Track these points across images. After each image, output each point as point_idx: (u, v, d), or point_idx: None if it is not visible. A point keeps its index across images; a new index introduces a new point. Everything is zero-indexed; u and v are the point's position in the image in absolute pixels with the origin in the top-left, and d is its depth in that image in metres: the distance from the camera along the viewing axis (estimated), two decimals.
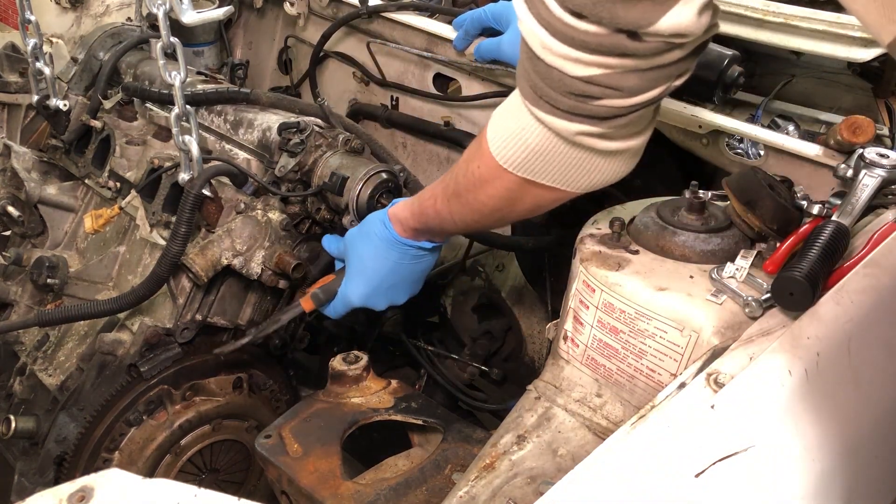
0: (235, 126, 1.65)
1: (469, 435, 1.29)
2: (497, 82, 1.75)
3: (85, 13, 2.06)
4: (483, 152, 1.03)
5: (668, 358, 0.96)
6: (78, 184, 1.83)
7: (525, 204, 1.07)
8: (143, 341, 1.45)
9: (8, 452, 1.58)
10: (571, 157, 0.96)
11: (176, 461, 1.48)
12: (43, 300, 1.70)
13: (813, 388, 0.87)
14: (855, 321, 0.93)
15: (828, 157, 1.28)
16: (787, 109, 1.62)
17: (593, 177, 1.00)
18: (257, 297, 1.60)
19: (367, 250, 1.28)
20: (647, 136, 0.99)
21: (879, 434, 0.98)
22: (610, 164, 0.99)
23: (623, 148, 0.96)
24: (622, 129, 0.93)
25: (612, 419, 1.02)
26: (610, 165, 0.99)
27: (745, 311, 0.94)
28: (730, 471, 0.78)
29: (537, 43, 0.86)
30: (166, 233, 1.54)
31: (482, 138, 1.04)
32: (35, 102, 1.78)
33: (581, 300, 1.05)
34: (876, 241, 1.02)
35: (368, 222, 1.30)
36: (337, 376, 1.36)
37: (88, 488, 0.69)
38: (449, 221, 1.18)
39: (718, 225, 1.07)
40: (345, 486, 1.19)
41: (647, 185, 1.55)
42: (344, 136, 1.54)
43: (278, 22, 2.30)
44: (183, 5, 1.32)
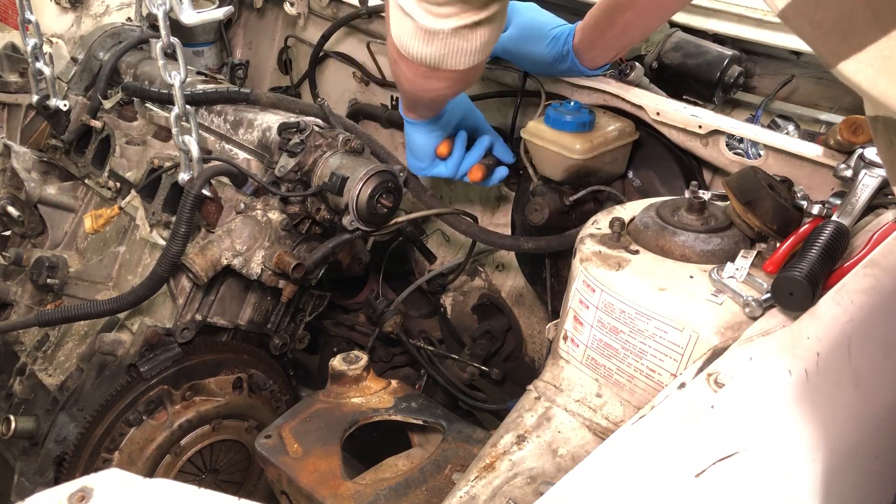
0: (235, 126, 1.65)
1: (469, 435, 1.29)
2: (497, 82, 1.76)
3: (85, 13, 2.06)
4: (390, 42, 1.24)
5: (668, 358, 0.96)
6: (78, 184, 1.83)
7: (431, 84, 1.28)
8: (143, 341, 1.45)
9: (8, 452, 1.58)
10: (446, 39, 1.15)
11: (176, 461, 1.48)
12: (43, 300, 1.70)
13: (813, 388, 0.87)
14: (855, 321, 0.93)
15: (828, 157, 1.28)
16: (787, 109, 1.63)
17: (469, 49, 1.17)
18: (257, 297, 1.60)
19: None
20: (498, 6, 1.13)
21: (879, 434, 0.98)
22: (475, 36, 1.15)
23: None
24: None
25: (612, 419, 1.02)
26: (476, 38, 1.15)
27: (745, 311, 0.94)
28: (730, 471, 0.78)
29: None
30: (166, 233, 1.54)
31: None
32: (35, 102, 1.78)
33: (581, 300, 1.05)
34: (876, 241, 1.02)
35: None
36: (337, 376, 1.36)
37: (88, 488, 0.69)
38: (404, 98, 1.48)
39: (718, 225, 1.07)
40: (345, 486, 1.19)
41: (647, 185, 1.56)
42: (344, 136, 1.54)
43: (278, 22, 2.30)
44: (183, 5, 1.32)
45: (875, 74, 0.64)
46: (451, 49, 1.17)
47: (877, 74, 0.64)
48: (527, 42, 1.53)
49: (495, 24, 1.16)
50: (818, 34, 0.66)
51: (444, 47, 1.16)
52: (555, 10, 1.57)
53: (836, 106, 1.58)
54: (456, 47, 1.16)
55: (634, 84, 1.55)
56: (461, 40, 1.15)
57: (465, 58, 1.18)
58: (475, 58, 1.19)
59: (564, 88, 1.60)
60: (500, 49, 1.58)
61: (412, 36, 1.16)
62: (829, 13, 0.64)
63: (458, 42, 1.15)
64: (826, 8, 0.64)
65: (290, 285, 1.51)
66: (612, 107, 1.53)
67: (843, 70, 0.66)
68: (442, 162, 1.59)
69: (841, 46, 0.65)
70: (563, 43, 1.50)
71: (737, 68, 1.61)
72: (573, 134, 1.43)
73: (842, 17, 0.64)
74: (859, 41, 0.63)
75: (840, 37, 0.64)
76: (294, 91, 2.24)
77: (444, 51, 1.17)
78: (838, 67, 0.66)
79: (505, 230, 1.81)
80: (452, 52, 1.17)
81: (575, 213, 1.52)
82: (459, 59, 1.18)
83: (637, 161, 1.56)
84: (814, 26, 0.66)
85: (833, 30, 0.65)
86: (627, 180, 1.58)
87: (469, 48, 1.17)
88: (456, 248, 1.98)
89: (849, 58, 0.64)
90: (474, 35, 1.15)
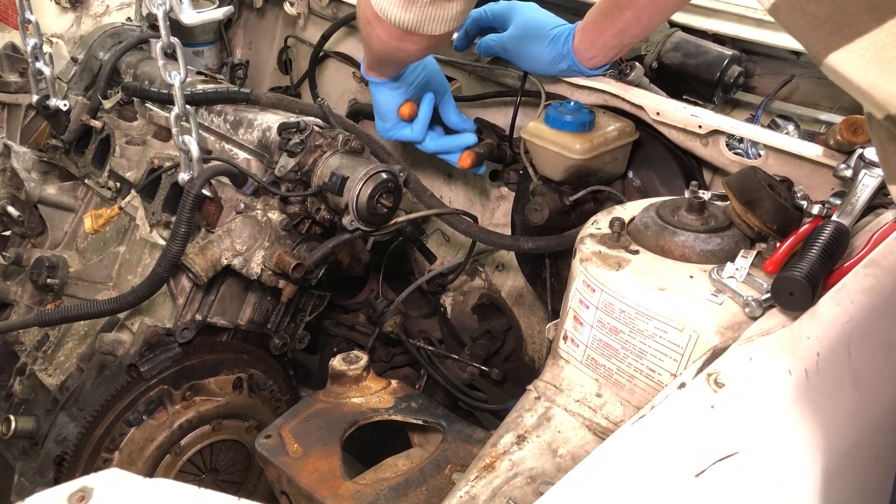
0: (235, 126, 1.65)
1: (469, 435, 1.29)
2: (497, 82, 1.76)
3: (85, 13, 2.06)
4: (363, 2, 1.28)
5: (668, 358, 0.96)
6: (78, 184, 1.83)
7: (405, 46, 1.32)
8: (143, 341, 1.45)
9: (8, 452, 1.58)
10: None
11: (176, 461, 1.48)
12: (43, 300, 1.70)
13: (813, 388, 0.87)
14: (855, 321, 0.93)
15: (828, 157, 1.28)
16: (787, 109, 1.63)
17: (445, 17, 1.22)
18: (257, 297, 1.60)
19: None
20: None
21: (879, 434, 0.98)
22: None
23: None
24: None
25: (612, 419, 1.02)
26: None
27: (745, 311, 0.94)
28: (730, 471, 0.78)
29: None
30: (166, 233, 1.54)
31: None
32: (35, 102, 1.78)
33: (581, 300, 1.05)
34: (876, 241, 1.02)
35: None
36: (337, 376, 1.36)
37: (88, 488, 0.69)
38: (369, 58, 1.51)
39: (718, 225, 1.07)
40: (345, 486, 1.19)
41: (647, 185, 1.56)
42: (344, 136, 1.54)
43: (278, 22, 2.30)
44: (183, 5, 1.32)
45: (866, 65, 0.64)
46: (427, 16, 1.22)
47: (868, 64, 0.64)
48: (527, 42, 1.53)
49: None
50: (810, 26, 0.66)
51: (422, 14, 1.21)
52: (555, 10, 1.57)
53: (836, 106, 1.58)
54: (432, 15, 1.22)
55: (634, 84, 1.55)
56: (438, 9, 1.21)
57: (441, 25, 1.23)
58: (450, 25, 1.24)
59: (564, 88, 1.60)
60: (500, 49, 1.58)
61: (391, 1, 1.21)
62: (823, 5, 0.65)
63: (435, 10, 1.21)
64: (819, 0, 0.65)
65: (290, 285, 1.51)
66: (612, 107, 1.53)
67: (832, 62, 0.66)
68: (408, 125, 1.61)
69: (833, 37, 0.65)
70: (563, 43, 1.50)
71: (737, 68, 1.61)
72: (573, 134, 1.43)
73: (835, 9, 0.64)
74: (851, 32, 0.64)
75: (833, 27, 0.65)
76: (294, 91, 2.24)
77: (422, 17, 1.22)
78: (828, 59, 0.66)
79: (505, 230, 1.81)
80: (429, 18, 1.22)
81: (575, 213, 1.52)
82: (435, 25, 1.23)
83: (637, 161, 1.56)
84: (806, 19, 0.66)
85: (826, 21, 0.65)
86: (627, 180, 1.58)
87: (445, 16, 1.22)
88: (456, 248, 1.98)
89: (839, 48, 0.65)
90: (451, 4, 1.21)
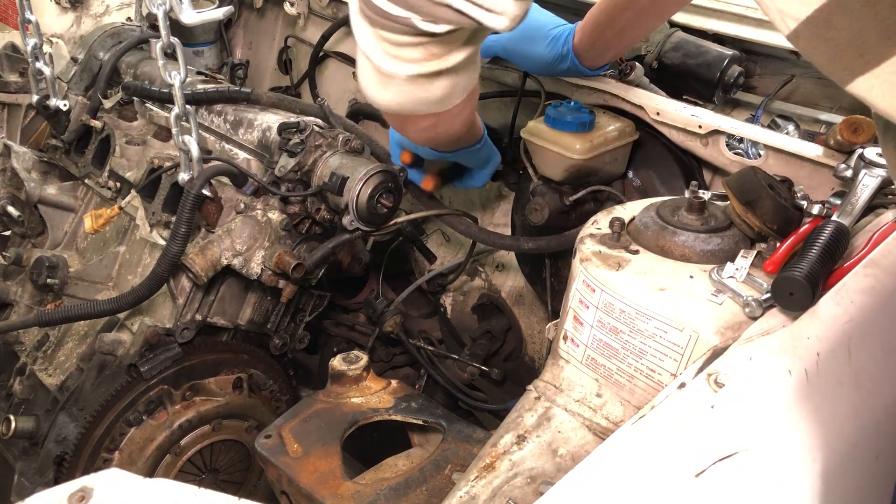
0: (235, 126, 1.65)
1: (469, 435, 1.29)
2: (497, 82, 1.76)
3: (85, 13, 2.06)
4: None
5: (668, 358, 0.96)
6: (78, 184, 1.83)
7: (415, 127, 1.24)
8: (143, 341, 1.45)
9: (8, 452, 1.58)
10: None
11: (176, 461, 1.48)
12: (43, 300, 1.70)
13: (813, 388, 0.87)
14: (855, 321, 0.93)
15: (828, 157, 1.28)
16: (787, 109, 1.63)
17: (428, 99, 1.08)
18: (257, 297, 1.60)
19: None
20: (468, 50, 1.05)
21: (880, 434, 0.98)
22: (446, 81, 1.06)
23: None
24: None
25: (612, 419, 1.02)
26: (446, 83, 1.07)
27: (745, 311, 0.94)
28: (730, 471, 0.78)
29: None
30: (166, 233, 1.54)
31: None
32: (35, 102, 1.78)
33: (581, 300, 1.05)
34: (876, 241, 1.02)
35: None
36: (337, 376, 1.36)
37: (88, 488, 0.69)
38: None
39: (718, 225, 1.07)
40: (345, 486, 1.19)
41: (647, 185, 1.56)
42: (344, 136, 1.54)
43: (278, 22, 2.30)
44: (183, 5, 1.32)
45: (891, 90, 0.65)
46: (408, 97, 1.07)
47: (893, 90, 0.64)
48: (527, 42, 1.53)
49: (463, 73, 1.07)
50: (832, 53, 0.66)
51: (400, 94, 1.06)
52: (555, 10, 1.57)
53: (836, 106, 1.58)
54: (413, 95, 1.07)
55: (634, 84, 1.55)
56: (418, 89, 1.05)
57: (426, 107, 1.10)
58: (438, 107, 1.11)
59: (564, 88, 1.60)
60: (500, 49, 1.58)
61: (370, 77, 1.07)
62: (842, 32, 0.65)
63: (415, 90, 1.05)
64: (839, 28, 0.65)
65: (290, 285, 1.51)
66: (612, 107, 1.53)
67: (857, 87, 0.66)
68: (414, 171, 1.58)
69: (855, 63, 0.65)
70: (563, 43, 1.50)
71: (737, 68, 1.61)
72: (573, 134, 1.43)
73: (854, 36, 0.64)
74: (872, 58, 0.64)
75: (854, 54, 0.65)
76: (294, 91, 2.24)
77: (401, 98, 1.07)
78: (852, 85, 0.66)
79: (505, 230, 1.81)
80: (410, 100, 1.08)
81: (575, 213, 1.52)
82: (419, 107, 1.10)
83: (637, 161, 1.56)
84: (828, 46, 0.66)
85: (847, 47, 0.65)
86: (627, 180, 1.58)
87: (428, 98, 1.08)
88: (456, 248, 1.98)
89: (865, 73, 0.65)
90: (433, 86, 1.05)
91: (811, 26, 0.66)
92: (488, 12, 0.91)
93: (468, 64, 1.06)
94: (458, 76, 1.07)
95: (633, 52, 1.68)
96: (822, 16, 0.65)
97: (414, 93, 1.06)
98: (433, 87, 1.05)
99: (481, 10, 0.91)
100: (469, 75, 1.10)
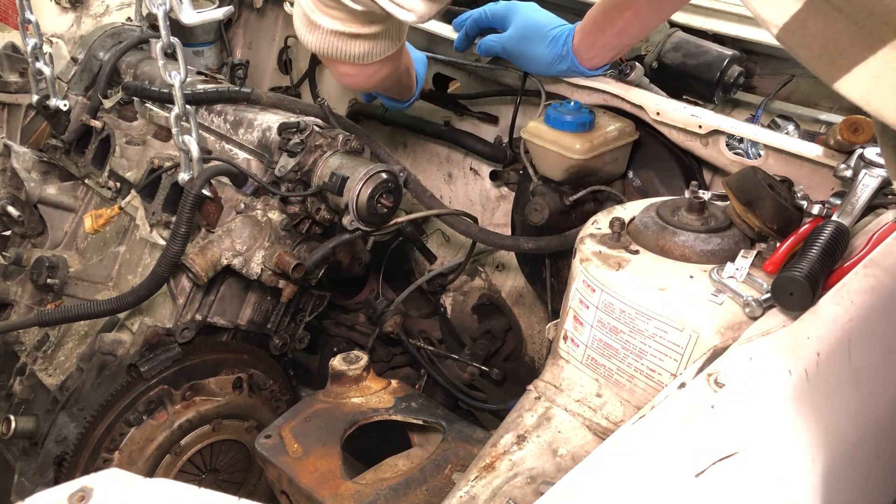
0: (235, 126, 1.65)
1: (469, 435, 1.29)
2: (497, 82, 1.76)
3: (85, 13, 2.06)
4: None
5: (668, 358, 0.96)
6: (78, 184, 1.83)
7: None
8: (143, 341, 1.45)
9: (8, 452, 1.58)
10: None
11: (176, 461, 1.48)
12: (43, 300, 1.70)
13: (813, 388, 0.87)
14: (855, 321, 0.93)
15: (828, 157, 1.28)
16: (787, 109, 1.63)
17: (350, 52, 1.24)
18: (257, 297, 1.60)
19: None
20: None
21: (880, 434, 0.98)
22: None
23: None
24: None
25: (612, 419, 1.02)
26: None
27: (745, 311, 0.94)
28: (730, 471, 0.78)
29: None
30: (166, 233, 1.54)
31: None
32: (35, 102, 1.78)
33: (581, 300, 1.05)
34: (876, 241, 1.02)
35: None
36: (337, 376, 1.36)
37: (88, 488, 0.69)
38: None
39: (718, 225, 1.07)
40: (345, 486, 1.19)
41: (647, 185, 1.56)
42: (344, 136, 1.54)
43: (278, 22, 2.30)
44: (183, 5, 1.32)
45: (867, 94, 0.66)
46: (331, 45, 1.22)
47: (868, 94, 0.66)
48: (527, 42, 1.53)
49: (380, 41, 1.23)
50: (812, 56, 0.68)
51: (325, 42, 1.21)
52: (555, 10, 1.57)
53: (836, 106, 1.58)
54: (335, 46, 1.22)
55: (634, 84, 1.55)
56: (340, 42, 1.20)
57: (349, 57, 1.24)
58: (359, 60, 1.25)
59: (564, 88, 1.60)
60: (500, 49, 1.58)
61: (300, 20, 1.22)
62: (817, 38, 0.66)
63: (338, 42, 1.21)
64: (813, 34, 0.66)
65: (290, 285, 1.51)
66: (612, 107, 1.53)
67: (839, 89, 0.68)
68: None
69: (832, 68, 0.67)
70: (563, 43, 1.50)
71: (737, 68, 1.61)
72: (573, 134, 1.43)
73: (828, 41, 0.66)
74: (847, 62, 0.65)
75: (829, 59, 0.66)
76: (294, 91, 2.24)
77: (325, 45, 1.22)
78: (835, 86, 0.68)
79: (505, 230, 1.81)
80: (333, 48, 1.22)
81: (575, 213, 1.52)
82: (342, 56, 1.23)
83: (637, 161, 1.56)
84: (808, 49, 0.68)
85: (822, 52, 0.67)
86: (627, 180, 1.58)
87: (349, 52, 1.23)
88: (456, 248, 1.98)
89: (841, 78, 0.66)
90: (354, 43, 1.21)
91: (789, 32, 0.68)
92: (399, 7, 1.08)
93: (385, 35, 1.23)
94: (376, 41, 1.23)
95: (633, 52, 1.68)
96: (798, 22, 0.67)
97: (335, 44, 1.21)
98: (352, 44, 1.21)
99: (393, 4, 1.07)
100: (387, 43, 1.25)
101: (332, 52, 1.23)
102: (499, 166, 1.80)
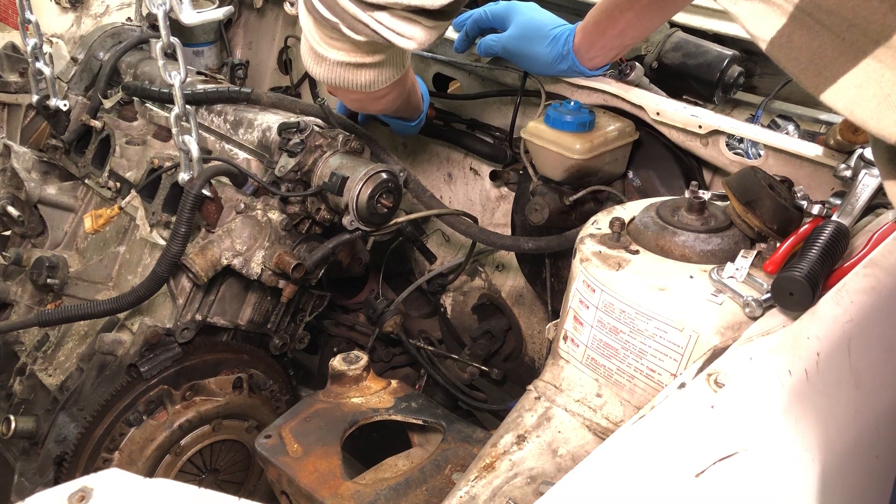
0: (235, 126, 1.65)
1: (469, 435, 1.29)
2: (497, 82, 1.76)
3: (85, 13, 2.06)
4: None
5: (668, 358, 0.96)
6: (78, 184, 1.83)
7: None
8: (143, 341, 1.45)
9: (8, 452, 1.58)
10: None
11: (176, 461, 1.48)
12: (43, 300, 1.70)
13: (813, 388, 0.87)
14: (855, 321, 0.93)
15: (828, 157, 1.28)
16: (787, 109, 1.62)
17: (356, 82, 1.26)
18: (257, 297, 1.60)
19: None
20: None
21: (879, 434, 0.98)
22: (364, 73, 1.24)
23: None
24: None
25: (612, 419, 1.02)
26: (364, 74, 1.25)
27: (745, 311, 0.94)
28: (730, 471, 0.78)
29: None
30: (166, 233, 1.54)
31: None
32: (35, 102, 1.78)
33: (581, 300, 1.05)
34: (876, 241, 1.02)
35: None
36: (337, 376, 1.36)
37: (88, 488, 0.69)
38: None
39: (718, 225, 1.07)
40: (345, 486, 1.19)
41: (647, 185, 1.56)
42: (344, 136, 1.54)
43: (278, 22, 2.30)
44: (183, 5, 1.32)
45: (851, 104, 0.67)
46: (338, 76, 1.24)
47: (852, 104, 0.67)
48: (527, 42, 1.53)
49: (385, 69, 1.25)
50: (798, 69, 0.70)
51: (332, 73, 1.23)
52: (555, 10, 1.57)
53: None
54: (343, 76, 1.24)
55: (634, 84, 1.55)
56: (346, 72, 1.23)
57: (356, 86, 1.26)
58: (366, 89, 1.27)
59: (564, 88, 1.60)
60: (501, 49, 1.58)
61: (307, 54, 1.23)
62: (803, 51, 0.68)
63: (344, 73, 1.23)
64: (799, 47, 0.68)
65: (290, 285, 1.51)
66: (612, 107, 1.53)
67: (825, 100, 0.69)
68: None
69: (818, 79, 0.68)
70: (564, 43, 1.50)
71: (737, 68, 1.61)
72: (573, 134, 1.43)
73: (814, 54, 0.67)
74: (832, 73, 0.67)
75: (815, 71, 0.68)
76: (294, 91, 2.24)
77: (332, 76, 1.24)
78: (821, 98, 0.70)
79: (505, 230, 1.81)
80: (341, 78, 1.24)
81: (575, 213, 1.52)
82: (350, 85, 1.26)
83: (637, 161, 1.56)
84: (794, 62, 0.69)
85: (809, 65, 0.68)
86: (627, 180, 1.58)
87: (356, 81, 1.25)
88: (456, 248, 1.98)
89: (827, 89, 0.68)
90: (360, 72, 1.23)
91: (777, 46, 0.69)
92: (399, 36, 1.09)
93: (389, 62, 1.25)
94: (381, 69, 1.25)
95: (633, 53, 1.68)
96: (784, 36, 0.68)
97: (342, 74, 1.23)
98: (358, 73, 1.23)
99: (393, 33, 1.09)
100: (392, 70, 1.27)
101: (340, 82, 1.25)
102: (499, 166, 1.80)
